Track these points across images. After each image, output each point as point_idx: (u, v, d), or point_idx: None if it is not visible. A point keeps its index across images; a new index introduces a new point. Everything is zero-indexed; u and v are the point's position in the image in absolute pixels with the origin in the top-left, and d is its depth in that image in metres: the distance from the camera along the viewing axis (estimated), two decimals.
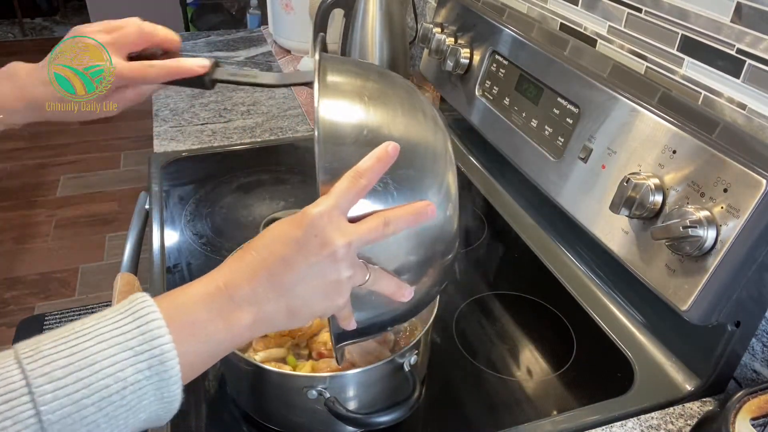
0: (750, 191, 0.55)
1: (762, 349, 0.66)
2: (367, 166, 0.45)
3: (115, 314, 0.39)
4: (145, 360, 0.38)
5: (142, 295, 0.41)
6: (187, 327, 0.41)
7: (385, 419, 0.57)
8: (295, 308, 0.45)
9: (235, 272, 0.44)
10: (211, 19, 3.38)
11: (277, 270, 0.43)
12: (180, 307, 0.42)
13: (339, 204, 0.44)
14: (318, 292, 0.45)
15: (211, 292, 0.43)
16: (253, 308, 0.43)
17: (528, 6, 1.04)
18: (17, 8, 4.42)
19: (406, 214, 0.46)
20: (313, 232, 0.43)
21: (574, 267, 0.87)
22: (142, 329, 0.39)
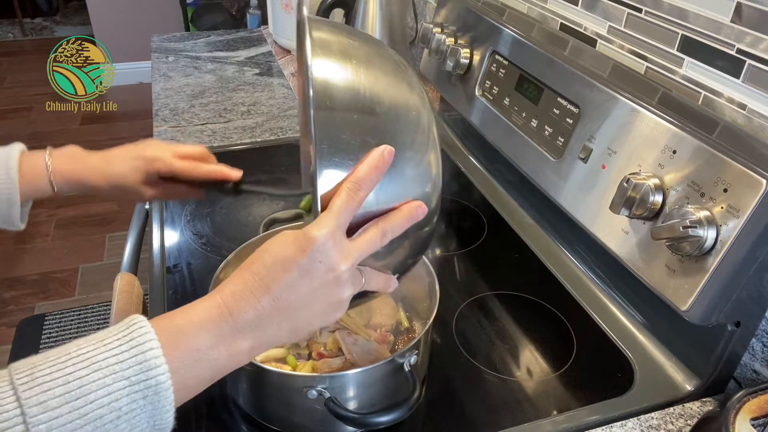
0: (750, 191, 0.55)
1: (762, 349, 0.66)
2: (364, 176, 0.44)
3: (113, 339, 0.39)
4: (141, 390, 0.38)
5: (141, 320, 0.40)
6: (190, 353, 0.41)
7: (385, 419, 0.57)
8: (296, 329, 0.45)
9: (239, 297, 0.43)
10: (211, 19, 3.38)
11: (281, 295, 0.43)
12: (182, 333, 0.41)
13: (340, 223, 0.44)
14: (320, 312, 0.45)
15: (214, 319, 0.42)
16: (255, 333, 0.43)
17: (528, 6, 1.04)
18: (17, 8, 4.42)
19: (401, 220, 0.46)
20: (318, 258, 0.43)
21: (574, 267, 0.87)
22: (139, 358, 0.38)
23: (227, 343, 0.42)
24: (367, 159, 0.44)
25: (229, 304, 0.43)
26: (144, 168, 0.70)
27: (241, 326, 0.42)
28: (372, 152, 0.45)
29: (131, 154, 0.70)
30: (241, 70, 1.52)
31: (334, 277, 0.44)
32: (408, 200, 0.47)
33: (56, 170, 0.68)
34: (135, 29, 3.54)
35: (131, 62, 3.56)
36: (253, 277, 0.43)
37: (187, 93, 1.38)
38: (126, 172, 0.69)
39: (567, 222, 0.79)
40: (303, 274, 0.43)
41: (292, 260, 0.43)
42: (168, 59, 1.58)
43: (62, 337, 1.95)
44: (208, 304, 0.43)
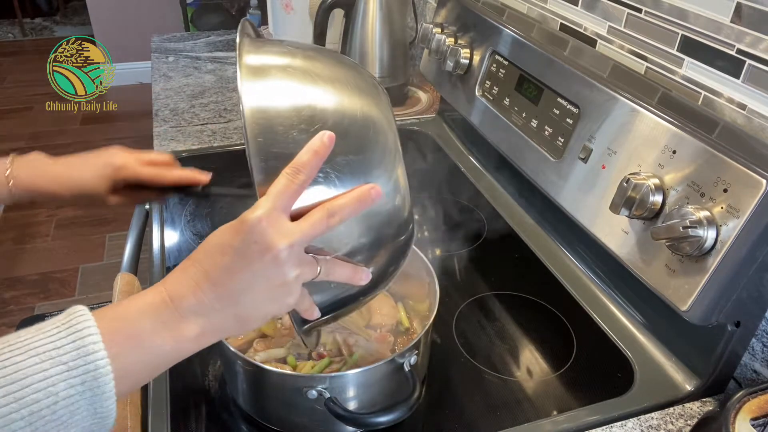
0: (750, 191, 0.55)
1: (762, 349, 0.66)
2: (304, 160, 0.43)
3: (51, 327, 0.39)
4: (79, 375, 0.38)
5: (80, 309, 0.41)
6: (132, 339, 0.41)
7: (385, 419, 0.57)
8: (244, 315, 0.44)
9: (179, 284, 0.43)
10: (211, 19, 3.38)
11: (220, 280, 0.43)
12: (123, 319, 0.41)
13: (277, 205, 0.43)
14: (265, 297, 0.44)
15: (155, 304, 0.42)
16: (199, 319, 0.43)
17: (528, 6, 1.04)
18: (17, 8, 4.42)
19: (350, 202, 0.45)
20: (252, 239, 0.42)
21: (574, 267, 0.87)
22: (77, 344, 0.38)
23: (170, 329, 0.42)
24: (307, 145, 0.44)
25: (170, 290, 0.43)
26: (110, 175, 0.69)
27: (183, 312, 0.42)
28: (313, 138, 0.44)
29: (97, 162, 0.70)
30: None
31: (272, 257, 0.43)
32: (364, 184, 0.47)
33: (16, 178, 0.68)
34: (135, 29, 3.54)
35: (131, 62, 3.56)
36: (193, 264, 0.44)
37: (187, 93, 1.38)
38: (90, 179, 0.69)
39: (567, 222, 0.79)
40: (239, 256, 0.43)
41: (228, 244, 0.43)
42: (168, 59, 1.58)
43: None
44: (150, 293, 0.43)
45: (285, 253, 0.43)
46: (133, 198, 0.72)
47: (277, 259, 0.43)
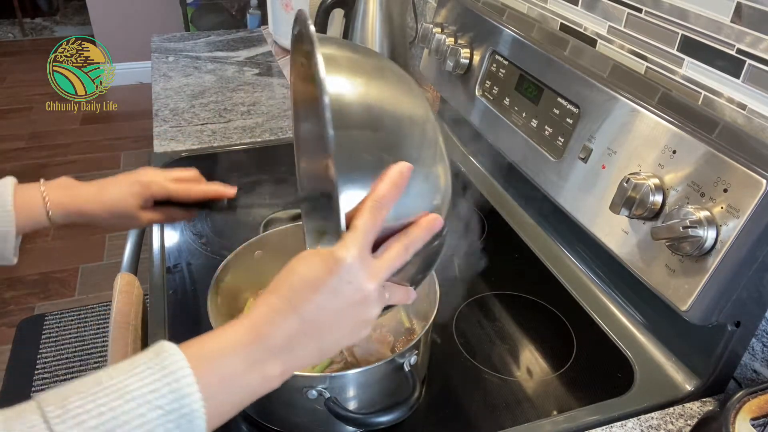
0: (750, 191, 0.55)
1: (762, 349, 0.66)
2: (385, 194, 0.44)
3: (144, 368, 0.38)
4: (174, 420, 0.38)
5: (171, 347, 0.40)
6: (224, 380, 0.41)
7: (385, 419, 0.57)
8: (325, 349, 0.45)
9: (268, 321, 0.43)
10: (211, 19, 3.38)
11: (310, 317, 0.43)
12: (215, 359, 0.41)
13: (365, 243, 0.44)
14: (348, 332, 0.45)
15: (245, 343, 0.42)
16: (286, 357, 0.43)
17: (528, 6, 1.04)
18: (17, 8, 4.42)
19: (421, 234, 0.46)
20: (346, 279, 0.43)
21: (574, 267, 0.87)
22: (173, 386, 0.38)
23: (259, 368, 0.42)
24: (386, 177, 0.44)
25: (259, 328, 0.42)
26: (140, 192, 0.70)
27: (271, 350, 0.42)
28: (390, 170, 0.44)
29: (127, 180, 0.71)
30: (241, 70, 1.52)
31: (363, 297, 0.44)
32: (423, 213, 0.47)
33: (53, 201, 0.68)
34: (135, 29, 3.54)
35: (131, 62, 3.56)
36: (281, 300, 0.43)
37: (187, 93, 1.38)
38: (122, 197, 0.70)
39: (567, 222, 0.79)
40: (331, 295, 0.43)
41: (321, 281, 0.43)
42: (168, 59, 1.58)
43: (62, 337, 1.95)
44: (238, 329, 0.42)
45: (375, 294, 0.44)
46: (163, 215, 0.73)
47: (368, 300, 0.44)
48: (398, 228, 0.46)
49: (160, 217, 0.73)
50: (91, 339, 1.95)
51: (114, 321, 0.78)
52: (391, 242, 0.46)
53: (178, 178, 0.72)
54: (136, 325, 0.79)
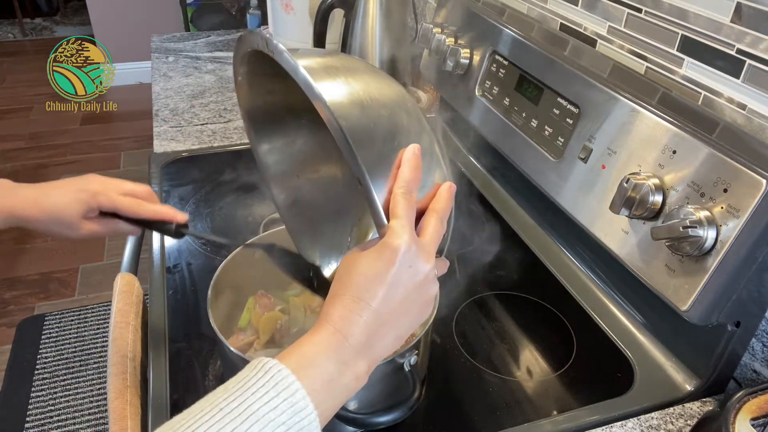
0: (750, 191, 0.55)
1: (762, 349, 0.66)
2: (411, 177, 0.46)
3: (257, 387, 0.39)
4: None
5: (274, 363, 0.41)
6: (326, 385, 0.42)
7: (385, 419, 0.57)
8: (401, 335, 0.46)
9: (348, 322, 0.44)
10: (211, 19, 3.38)
11: (383, 310, 0.44)
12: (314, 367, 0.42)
13: (412, 227, 0.45)
14: (418, 314, 0.47)
15: (335, 347, 0.43)
16: (369, 353, 0.44)
17: (528, 6, 1.04)
18: (17, 8, 4.42)
19: (447, 204, 0.49)
20: (406, 264, 0.44)
21: (574, 267, 0.87)
22: (290, 401, 0.39)
23: (350, 368, 0.43)
24: (405, 162, 0.46)
25: (342, 329, 0.43)
26: (86, 200, 0.66)
27: (357, 348, 0.43)
28: (405, 154, 0.46)
29: (73, 186, 0.67)
30: None
31: (424, 277, 0.45)
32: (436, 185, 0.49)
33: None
34: (135, 29, 3.54)
35: (131, 62, 3.56)
36: (353, 301, 0.44)
37: (187, 93, 1.38)
38: (65, 203, 0.66)
39: (567, 222, 0.79)
40: (397, 283, 0.44)
41: (385, 273, 0.44)
42: (168, 59, 1.58)
43: (62, 337, 1.95)
44: (325, 334, 0.43)
45: (433, 273, 0.46)
46: (106, 228, 0.70)
47: (428, 279, 0.46)
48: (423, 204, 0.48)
49: (101, 230, 0.70)
50: (91, 339, 1.95)
51: (114, 321, 0.78)
52: (427, 219, 0.47)
53: (129, 193, 0.69)
54: (136, 325, 0.78)
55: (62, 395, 1.76)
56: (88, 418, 1.70)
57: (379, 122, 0.47)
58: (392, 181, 0.46)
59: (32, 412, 1.71)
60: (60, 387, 1.79)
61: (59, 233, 0.68)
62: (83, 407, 1.73)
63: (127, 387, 0.68)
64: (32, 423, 1.68)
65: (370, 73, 0.52)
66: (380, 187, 0.45)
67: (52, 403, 1.74)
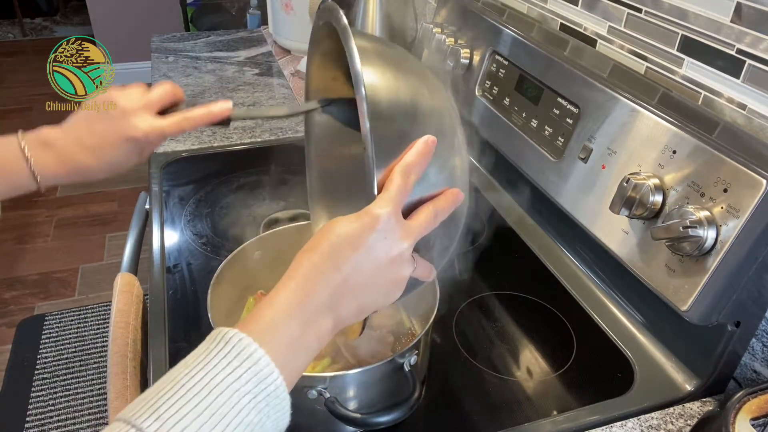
0: (750, 191, 0.55)
1: (762, 349, 0.66)
2: (414, 161, 0.46)
3: (219, 358, 0.39)
4: (264, 399, 0.39)
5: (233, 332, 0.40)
6: (289, 347, 0.41)
7: (385, 419, 0.57)
8: (363, 307, 0.46)
9: (312, 280, 0.43)
10: (211, 19, 3.38)
11: (350, 273, 0.44)
12: (275, 329, 0.41)
13: (398, 203, 0.45)
14: (382, 290, 0.46)
15: (296, 305, 0.42)
16: (332, 313, 0.44)
17: (528, 6, 1.04)
18: (17, 8, 4.42)
19: (448, 203, 0.48)
20: (383, 234, 0.44)
21: (574, 267, 0.87)
22: (254, 369, 0.39)
23: (313, 327, 0.43)
24: (413, 147, 0.46)
25: (305, 287, 0.43)
26: (139, 150, 0.65)
27: (319, 307, 0.43)
28: (417, 141, 0.46)
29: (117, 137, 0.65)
30: (241, 70, 1.52)
31: (398, 253, 0.45)
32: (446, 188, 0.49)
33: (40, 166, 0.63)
34: (135, 29, 3.54)
35: (131, 62, 3.56)
36: (321, 257, 0.43)
37: (187, 93, 1.38)
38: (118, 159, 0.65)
39: (567, 222, 0.79)
40: (370, 250, 0.44)
41: (359, 237, 0.44)
42: (168, 59, 1.58)
43: (62, 338, 1.95)
44: (287, 292, 0.43)
45: (408, 251, 0.45)
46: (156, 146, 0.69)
47: (402, 256, 0.45)
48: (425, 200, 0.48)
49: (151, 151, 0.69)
50: (91, 339, 1.95)
51: (114, 321, 0.78)
52: (421, 208, 0.47)
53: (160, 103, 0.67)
54: (136, 325, 0.79)
55: (62, 395, 1.76)
56: (88, 418, 1.70)
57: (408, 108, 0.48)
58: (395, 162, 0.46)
59: (32, 412, 1.71)
60: (60, 387, 1.79)
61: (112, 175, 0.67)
62: (83, 407, 1.73)
63: (127, 387, 0.68)
64: (32, 423, 1.68)
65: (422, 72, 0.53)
66: (383, 162, 0.46)
67: (52, 403, 1.74)
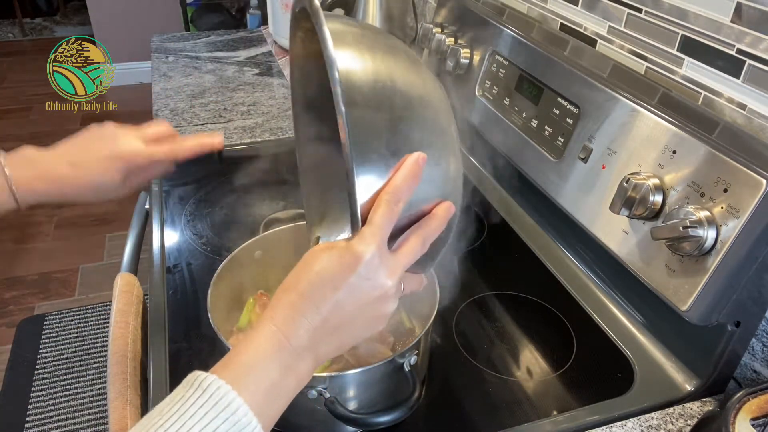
0: (750, 191, 0.55)
1: (762, 349, 0.66)
2: (401, 186, 0.43)
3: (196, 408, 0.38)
4: None
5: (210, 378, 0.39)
6: (268, 392, 0.41)
7: (385, 419, 0.57)
8: (344, 344, 0.45)
9: (291, 322, 0.42)
10: (211, 19, 3.38)
11: (330, 315, 0.42)
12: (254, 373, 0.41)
13: (383, 237, 0.43)
14: (366, 326, 0.45)
15: (275, 348, 0.42)
16: (311, 354, 0.43)
17: (528, 6, 1.04)
18: (17, 8, 4.42)
19: (437, 225, 0.46)
20: (365, 275, 0.42)
21: (574, 267, 0.87)
22: (232, 420, 0.38)
23: (293, 370, 0.42)
24: (402, 168, 0.43)
25: (284, 330, 0.42)
26: (124, 168, 0.64)
27: (298, 350, 0.42)
28: (406, 160, 0.43)
29: (103, 154, 0.63)
30: (241, 70, 1.52)
31: (382, 293, 0.43)
32: (436, 201, 0.47)
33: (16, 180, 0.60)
34: (135, 29, 3.54)
35: (131, 62, 3.56)
36: (301, 299, 0.42)
37: (187, 93, 1.38)
38: (102, 178, 0.63)
39: (567, 222, 0.79)
40: (350, 292, 0.42)
41: (340, 278, 0.42)
42: (168, 59, 1.58)
43: (62, 338, 1.95)
44: (266, 335, 0.42)
45: (393, 290, 0.44)
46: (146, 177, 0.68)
47: (386, 296, 0.44)
48: (413, 218, 0.45)
49: (143, 181, 0.68)
50: (91, 339, 1.95)
51: (114, 321, 0.78)
52: (408, 236, 0.45)
53: (156, 138, 0.67)
54: (136, 325, 0.78)
55: (62, 395, 1.76)
56: (88, 418, 1.70)
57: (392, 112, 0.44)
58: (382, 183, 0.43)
59: (32, 412, 1.71)
60: (60, 387, 1.79)
61: (97, 200, 0.66)
62: (83, 407, 1.73)
63: (127, 387, 0.68)
64: (32, 423, 1.68)
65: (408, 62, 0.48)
66: (367, 184, 0.42)
67: (52, 403, 1.74)
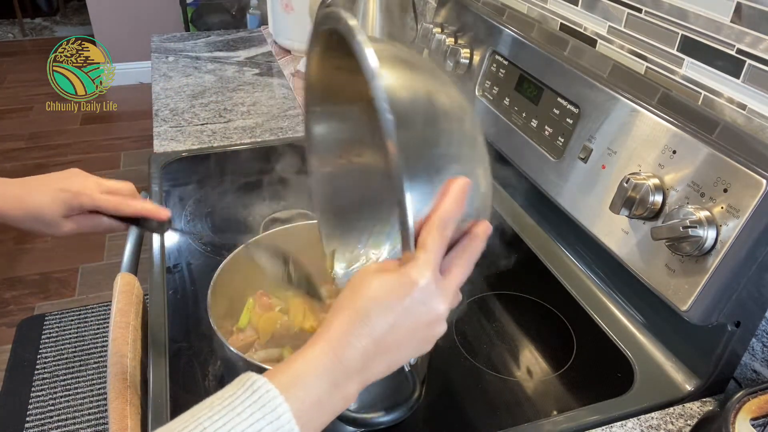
0: (750, 191, 0.55)
1: (762, 349, 0.66)
2: (451, 212, 0.44)
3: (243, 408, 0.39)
4: None
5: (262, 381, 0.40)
6: (314, 406, 0.41)
7: (385, 419, 0.57)
8: (392, 365, 0.46)
9: (346, 343, 0.43)
10: (211, 19, 3.38)
11: (384, 337, 0.43)
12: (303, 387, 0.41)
13: (437, 263, 0.44)
14: (416, 349, 0.46)
15: (327, 366, 0.42)
16: (361, 375, 0.44)
17: (528, 6, 1.04)
18: (17, 8, 4.42)
19: (480, 247, 0.48)
20: (421, 300, 0.43)
21: (574, 267, 0.87)
22: (275, 425, 0.39)
23: (341, 389, 0.43)
24: (450, 194, 0.44)
25: (337, 349, 0.43)
26: (68, 201, 0.66)
27: (349, 371, 0.43)
28: (453, 185, 0.44)
29: (55, 185, 0.67)
30: (241, 70, 1.52)
31: (436, 317, 0.45)
32: (473, 222, 0.48)
33: None
34: (135, 29, 3.54)
35: (131, 62, 3.56)
36: (357, 320, 0.43)
37: (187, 93, 1.38)
38: (47, 202, 0.66)
39: (567, 222, 0.79)
40: (405, 316, 0.43)
41: (396, 303, 0.43)
42: (168, 59, 1.58)
43: (62, 338, 1.95)
44: (318, 352, 0.43)
45: (445, 314, 0.45)
46: (87, 225, 0.70)
47: (439, 321, 0.45)
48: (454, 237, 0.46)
49: (83, 227, 0.70)
50: (91, 339, 1.95)
51: (114, 321, 0.78)
52: (456, 260, 0.46)
53: (111, 191, 0.69)
54: (136, 325, 0.78)
55: (62, 395, 1.76)
56: (88, 418, 1.70)
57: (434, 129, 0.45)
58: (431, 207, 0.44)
59: (32, 412, 1.71)
60: (60, 387, 1.79)
61: (40, 231, 0.68)
62: (83, 407, 1.73)
63: (127, 387, 0.68)
64: (32, 423, 1.68)
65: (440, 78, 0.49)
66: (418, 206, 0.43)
67: (52, 403, 1.74)
